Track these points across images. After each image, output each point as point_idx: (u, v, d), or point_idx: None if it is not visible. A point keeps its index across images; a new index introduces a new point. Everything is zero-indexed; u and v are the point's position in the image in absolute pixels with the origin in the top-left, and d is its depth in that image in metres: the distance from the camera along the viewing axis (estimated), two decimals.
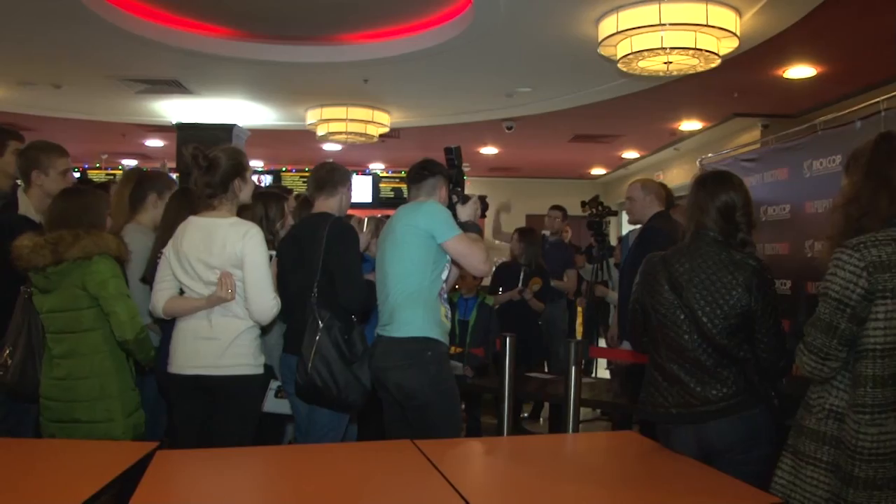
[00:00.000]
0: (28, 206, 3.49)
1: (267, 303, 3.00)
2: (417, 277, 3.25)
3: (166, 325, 3.22)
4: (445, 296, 3.41)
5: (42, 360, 3.09)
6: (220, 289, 2.96)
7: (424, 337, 3.21)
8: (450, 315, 3.43)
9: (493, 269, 6.09)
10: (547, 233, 7.02)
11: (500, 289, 5.87)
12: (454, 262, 3.35)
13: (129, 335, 2.95)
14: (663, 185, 4.86)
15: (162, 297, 3.07)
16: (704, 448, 2.57)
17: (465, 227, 3.39)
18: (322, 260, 3.33)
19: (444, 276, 3.34)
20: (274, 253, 3.53)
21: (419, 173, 3.47)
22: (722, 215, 2.64)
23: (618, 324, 5.23)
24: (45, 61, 7.56)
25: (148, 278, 3.36)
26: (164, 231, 3.32)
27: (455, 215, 3.42)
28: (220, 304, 2.99)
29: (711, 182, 2.73)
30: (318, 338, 3.24)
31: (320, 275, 3.32)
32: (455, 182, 3.55)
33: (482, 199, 3.68)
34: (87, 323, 2.98)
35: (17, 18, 6.19)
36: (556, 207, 7.20)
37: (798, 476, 2.28)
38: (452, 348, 4.26)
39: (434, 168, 3.49)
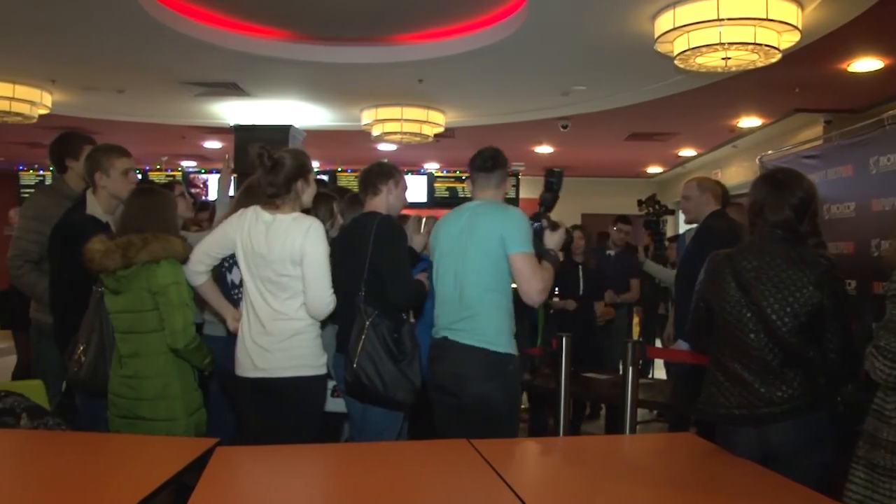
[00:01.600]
0: (95, 206, 3.60)
1: (323, 298, 3.01)
2: (501, 283, 3.15)
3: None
4: None
5: (112, 358, 3.19)
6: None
7: (507, 352, 3.11)
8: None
9: None
10: (611, 252, 6.85)
11: (556, 289, 5.83)
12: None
13: (179, 344, 3.02)
14: (719, 183, 4.78)
15: (200, 266, 3.12)
16: (766, 451, 2.51)
17: (547, 254, 3.26)
18: (369, 259, 3.34)
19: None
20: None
21: (492, 161, 3.31)
22: (796, 212, 2.59)
23: (673, 323, 5.19)
24: (109, 67, 7.75)
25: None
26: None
27: (542, 240, 3.29)
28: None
29: (785, 179, 2.68)
30: (364, 336, 3.25)
31: (368, 273, 3.34)
32: (548, 206, 3.40)
33: (568, 231, 3.54)
34: (151, 325, 3.06)
35: (81, 26, 6.36)
36: (626, 221, 7.03)
37: (877, 490, 2.19)
38: None
39: (503, 159, 3.35)
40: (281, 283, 3.01)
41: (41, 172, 13.85)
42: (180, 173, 13.73)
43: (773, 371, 2.52)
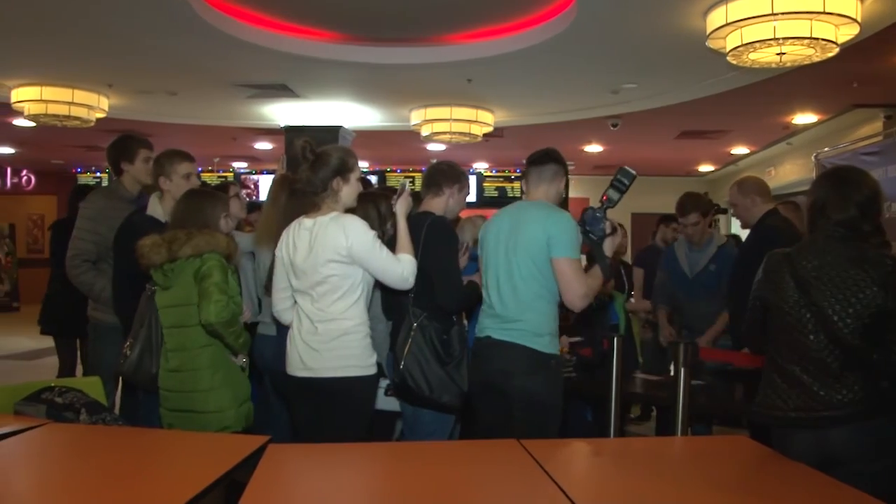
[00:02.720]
0: (157, 207, 3.76)
1: (396, 276, 3.04)
2: (547, 285, 3.17)
3: (282, 326, 3.30)
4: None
5: (158, 354, 3.27)
6: None
7: (548, 351, 3.17)
8: None
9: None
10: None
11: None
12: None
13: (212, 318, 3.02)
14: (761, 180, 4.67)
15: (285, 303, 3.17)
16: (825, 456, 2.44)
17: (604, 262, 3.25)
18: (419, 260, 3.33)
19: None
20: None
21: (543, 157, 3.32)
22: (861, 211, 2.52)
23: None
24: (162, 70, 7.91)
25: (267, 287, 3.47)
26: (279, 233, 3.40)
27: (601, 246, 3.26)
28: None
29: (849, 176, 2.61)
30: (411, 337, 3.24)
31: (418, 274, 3.33)
32: (611, 206, 3.28)
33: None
34: (196, 318, 3.10)
35: (137, 31, 6.49)
36: (673, 220, 6.82)
37: None
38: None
39: (559, 157, 3.35)
40: (329, 284, 3.01)
41: (98, 175, 14.21)
42: (232, 174, 13.95)
43: (833, 373, 2.46)
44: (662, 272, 5.03)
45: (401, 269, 3.05)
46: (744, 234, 6.96)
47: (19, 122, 9.83)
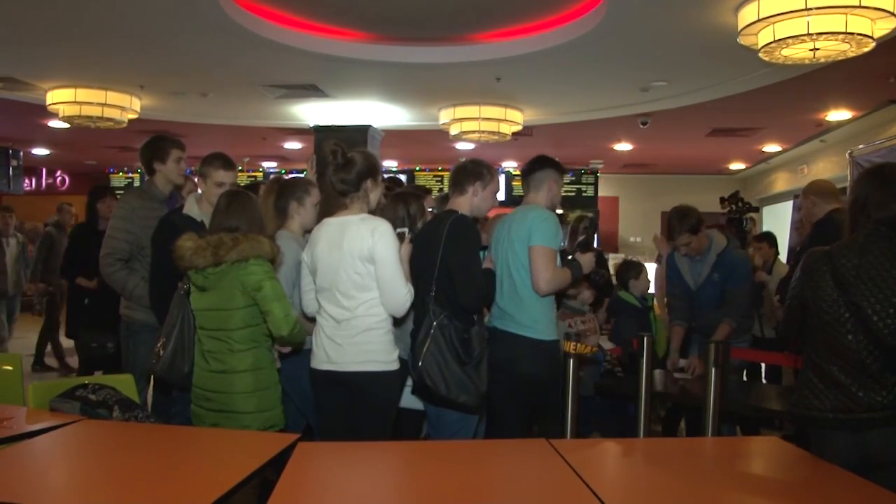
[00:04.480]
0: (193, 206, 3.86)
1: (400, 297, 3.06)
2: (527, 279, 3.50)
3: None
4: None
5: (191, 354, 3.28)
6: None
7: (517, 333, 3.54)
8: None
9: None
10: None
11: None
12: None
13: (284, 332, 3.07)
14: (824, 183, 4.64)
15: (314, 304, 3.24)
16: (864, 458, 2.40)
17: (572, 264, 3.63)
18: (440, 258, 3.34)
19: None
20: None
21: (529, 167, 3.75)
22: None
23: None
24: (193, 72, 7.98)
25: None
26: (271, 235, 3.48)
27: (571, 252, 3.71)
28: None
29: (892, 173, 2.57)
30: (430, 336, 3.25)
31: (439, 273, 3.33)
32: (582, 245, 3.91)
33: (600, 254, 3.88)
34: (237, 322, 3.11)
35: (169, 34, 6.57)
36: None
37: None
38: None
39: (545, 162, 3.73)
40: (354, 282, 3.06)
41: (130, 175, 14.39)
42: (261, 174, 14.05)
43: (873, 375, 2.42)
44: (670, 284, 4.82)
45: (405, 291, 3.08)
46: (779, 232, 6.92)
47: (54, 123, 9.99)
